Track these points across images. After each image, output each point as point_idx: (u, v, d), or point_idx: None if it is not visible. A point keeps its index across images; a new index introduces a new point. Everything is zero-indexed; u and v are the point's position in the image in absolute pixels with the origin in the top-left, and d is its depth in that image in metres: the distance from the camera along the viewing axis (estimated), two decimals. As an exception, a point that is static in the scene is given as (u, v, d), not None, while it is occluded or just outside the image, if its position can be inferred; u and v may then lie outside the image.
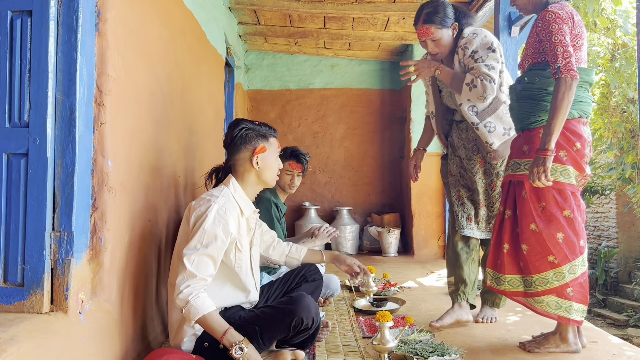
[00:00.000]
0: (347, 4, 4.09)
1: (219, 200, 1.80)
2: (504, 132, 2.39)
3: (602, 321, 7.07)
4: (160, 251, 2.24)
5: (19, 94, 1.55)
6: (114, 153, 1.76)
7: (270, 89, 5.68)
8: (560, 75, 1.93)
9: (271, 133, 1.99)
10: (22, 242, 1.52)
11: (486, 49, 2.30)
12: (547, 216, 2.04)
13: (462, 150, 2.53)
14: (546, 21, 1.99)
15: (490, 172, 2.47)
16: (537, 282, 2.04)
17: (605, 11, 5.90)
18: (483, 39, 2.32)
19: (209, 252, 1.73)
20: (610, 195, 8.58)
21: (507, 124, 2.38)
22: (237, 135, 1.92)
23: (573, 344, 2.08)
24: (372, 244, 5.27)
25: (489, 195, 2.48)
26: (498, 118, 2.38)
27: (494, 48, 2.30)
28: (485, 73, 2.25)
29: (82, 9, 1.59)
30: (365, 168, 5.65)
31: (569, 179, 2.03)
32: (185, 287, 1.66)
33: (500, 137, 2.38)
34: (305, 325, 1.78)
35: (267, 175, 1.96)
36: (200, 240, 1.73)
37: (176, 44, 2.54)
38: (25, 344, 1.30)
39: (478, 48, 2.31)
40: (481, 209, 2.49)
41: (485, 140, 2.38)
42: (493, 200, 2.47)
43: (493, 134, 2.37)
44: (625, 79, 6.14)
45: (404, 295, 3.17)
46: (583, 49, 2.07)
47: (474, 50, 2.31)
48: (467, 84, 2.28)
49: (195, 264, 1.69)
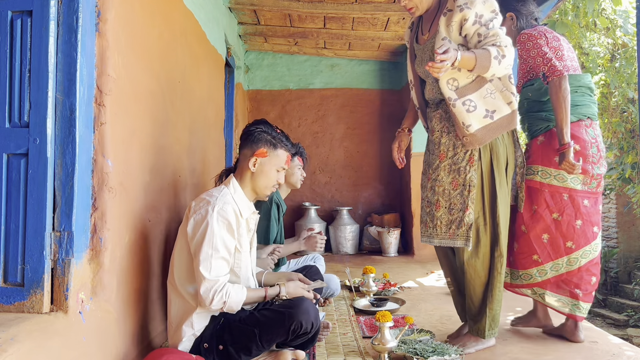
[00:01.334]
0: (347, 4, 4.09)
1: (218, 201, 1.80)
2: (486, 114, 2.02)
3: (602, 321, 7.07)
4: (160, 251, 2.24)
5: (19, 94, 1.55)
6: (114, 153, 1.76)
7: (270, 89, 5.68)
8: (548, 79, 2.16)
9: (283, 145, 1.97)
10: (22, 242, 1.52)
11: (491, 12, 1.97)
12: (536, 218, 2.23)
13: (430, 144, 2.24)
14: (522, 42, 2.25)
15: (452, 167, 2.09)
16: (523, 277, 2.29)
17: (605, 11, 5.90)
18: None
19: (222, 254, 1.76)
20: (610, 195, 8.57)
21: (491, 106, 2.02)
22: (250, 132, 1.95)
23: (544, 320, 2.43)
24: (372, 244, 5.27)
25: (449, 195, 2.09)
26: (481, 97, 2.01)
27: (498, 11, 2.00)
28: (507, 40, 1.93)
29: (82, 9, 1.59)
30: (365, 168, 5.65)
31: (563, 182, 2.18)
32: (214, 293, 1.72)
33: (481, 120, 2.01)
34: (304, 330, 1.78)
35: (260, 182, 1.94)
36: (210, 245, 1.74)
37: (176, 44, 2.54)
38: (25, 344, 1.30)
39: (483, 11, 1.96)
40: (438, 211, 2.12)
41: (462, 120, 2.00)
42: (453, 202, 2.08)
43: (472, 114, 2.00)
44: (625, 79, 6.14)
45: (404, 295, 3.17)
46: (566, 59, 2.23)
47: (480, 14, 1.95)
48: (495, 58, 1.89)
49: (213, 270, 1.74)
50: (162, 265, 2.24)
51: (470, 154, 2.05)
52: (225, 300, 1.74)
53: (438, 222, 2.11)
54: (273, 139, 1.94)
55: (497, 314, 2.12)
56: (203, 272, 1.72)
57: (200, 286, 1.73)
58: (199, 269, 1.73)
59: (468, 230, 2.04)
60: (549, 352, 2.12)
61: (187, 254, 1.82)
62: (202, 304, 1.76)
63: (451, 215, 2.08)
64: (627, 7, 5.87)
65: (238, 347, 1.77)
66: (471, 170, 2.04)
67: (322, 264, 3.14)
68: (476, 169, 2.04)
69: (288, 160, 2.00)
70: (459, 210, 2.06)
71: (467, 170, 2.05)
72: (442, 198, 2.10)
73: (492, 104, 2.03)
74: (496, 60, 1.89)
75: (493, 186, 2.07)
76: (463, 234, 2.05)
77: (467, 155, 2.06)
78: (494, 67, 1.90)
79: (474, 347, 2.11)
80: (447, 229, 2.09)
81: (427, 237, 2.18)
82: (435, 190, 2.12)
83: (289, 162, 2.02)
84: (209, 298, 1.72)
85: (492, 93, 2.03)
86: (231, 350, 1.77)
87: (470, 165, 2.05)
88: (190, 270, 1.81)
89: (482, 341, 2.13)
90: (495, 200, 2.06)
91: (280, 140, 1.96)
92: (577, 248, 2.18)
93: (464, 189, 2.05)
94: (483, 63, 1.89)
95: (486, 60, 1.89)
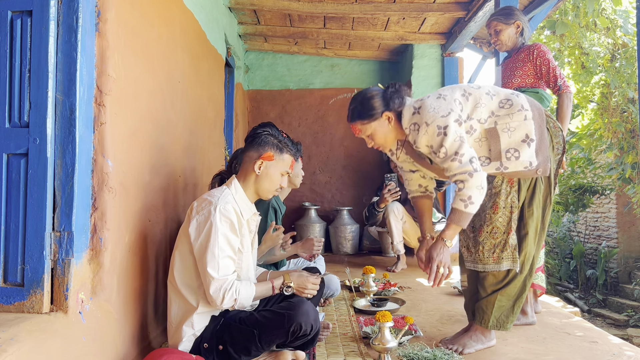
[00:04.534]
0: (347, 4, 4.09)
1: (220, 201, 1.80)
2: (523, 138, 1.97)
3: (602, 321, 7.07)
4: (160, 251, 2.24)
5: (19, 94, 1.55)
6: (114, 153, 1.76)
7: (270, 89, 5.68)
8: (562, 92, 2.61)
9: (289, 150, 1.97)
10: (22, 242, 1.52)
11: (436, 136, 1.90)
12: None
13: None
14: (542, 52, 2.66)
15: (492, 192, 2.06)
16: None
17: (605, 11, 5.90)
18: (427, 127, 1.92)
19: (227, 253, 1.77)
20: (610, 195, 8.58)
21: (519, 137, 1.98)
22: (257, 134, 1.94)
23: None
24: (372, 244, 5.26)
25: (491, 219, 2.06)
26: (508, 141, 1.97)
27: (443, 125, 1.89)
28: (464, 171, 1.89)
29: (82, 9, 1.59)
30: (365, 168, 5.65)
31: None
32: (224, 292, 1.73)
33: (529, 152, 1.98)
34: (304, 332, 1.78)
35: (264, 185, 1.93)
36: (216, 245, 1.74)
37: (176, 44, 2.54)
38: (25, 344, 1.30)
39: (430, 141, 1.93)
40: (480, 236, 2.08)
41: (523, 166, 1.98)
42: (495, 225, 2.06)
43: (519, 160, 1.97)
44: (625, 79, 6.14)
45: (404, 295, 3.17)
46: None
47: (429, 145, 1.95)
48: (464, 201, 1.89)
49: (221, 270, 1.74)
50: (162, 265, 2.24)
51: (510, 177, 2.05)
52: (236, 297, 1.74)
53: (480, 248, 2.09)
54: (280, 143, 1.94)
55: (508, 307, 2.07)
56: (211, 273, 1.72)
57: (210, 287, 1.72)
58: (207, 269, 1.72)
59: (514, 251, 2.04)
60: (549, 352, 2.12)
61: (188, 254, 1.81)
62: (213, 304, 1.76)
63: (494, 240, 2.06)
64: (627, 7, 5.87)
65: (238, 347, 1.77)
66: (512, 192, 2.04)
67: (322, 264, 3.15)
68: (516, 190, 2.04)
69: (292, 165, 2.00)
70: (503, 232, 2.05)
71: (509, 192, 2.04)
72: (485, 223, 2.08)
73: (515, 140, 1.98)
74: (465, 202, 1.89)
75: (531, 208, 2.05)
76: (509, 256, 2.04)
77: (506, 178, 2.04)
78: (475, 200, 1.89)
79: (474, 347, 2.11)
80: (489, 254, 2.07)
81: (471, 263, 2.14)
82: (479, 215, 2.07)
83: (293, 167, 2.02)
84: (219, 297, 1.72)
85: (512, 156, 1.98)
86: (231, 351, 1.77)
87: (511, 186, 2.04)
88: (190, 271, 1.81)
89: (482, 341, 2.12)
90: (532, 221, 2.05)
91: (286, 144, 1.96)
92: None
93: (505, 211, 2.04)
94: (461, 217, 1.91)
95: (463, 216, 1.90)
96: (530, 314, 2.50)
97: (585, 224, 9.45)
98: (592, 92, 7.22)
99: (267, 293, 1.89)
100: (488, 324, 2.08)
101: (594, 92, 7.21)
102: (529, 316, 2.49)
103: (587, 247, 9.09)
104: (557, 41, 6.38)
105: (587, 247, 9.09)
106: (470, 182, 1.88)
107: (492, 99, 2.02)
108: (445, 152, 1.91)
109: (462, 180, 1.90)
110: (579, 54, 6.31)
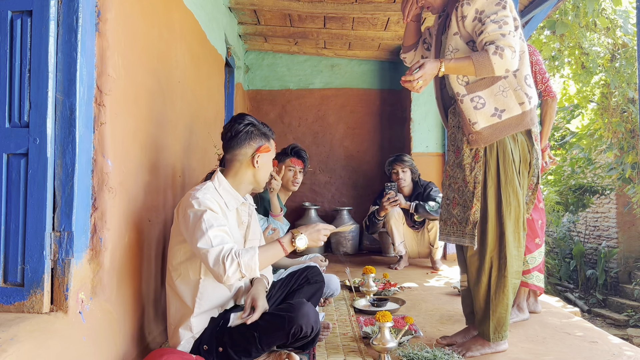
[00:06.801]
0: (347, 4, 4.09)
1: (199, 193, 1.76)
2: (494, 113, 1.94)
3: (602, 321, 7.07)
4: (160, 251, 2.24)
5: (19, 94, 1.55)
6: (114, 153, 1.76)
7: (270, 89, 5.68)
8: (544, 97, 2.63)
9: (271, 135, 1.98)
10: (22, 242, 1.52)
11: (494, 5, 1.85)
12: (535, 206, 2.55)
13: (448, 141, 2.21)
14: (531, 52, 2.54)
15: (462, 165, 2.03)
16: (529, 262, 2.57)
17: (605, 11, 5.90)
18: None
19: (216, 227, 1.68)
20: (610, 195, 8.59)
21: (501, 104, 1.94)
22: (242, 131, 1.88)
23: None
24: (372, 244, 5.26)
25: (463, 192, 2.03)
26: (491, 94, 1.94)
27: (504, 3, 1.86)
28: (506, 43, 1.81)
29: (82, 9, 1.59)
30: (365, 168, 5.65)
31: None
32: (222, 259, 1.61)
33: (488, 118, 1.94)
34: (304, 334, 1.77)
35: (262, 176, 1.93)
36: (202, 222, 1.67)
37: (176, 44, 2.54)
38: (25, 344, 1.30)
39: (484, 6, 1.87)
40: (454, 209, 2.08)
41: (469, 117, 1.95)
42: (466, 199, 2.01)
43: (479, 111, 1.94)
44: (625, 79, 6.15)
45: (404, 295, 3.17)
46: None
47: (480, 10, 1.87)
48: (494, 53, 1.80)
49: (214, 240, 1.65)
50: (162, 265, 2.24)
51: (476, 151, 1.99)
52: (239, 260, 1.61)
53: (454, 220, 2.06)
54: (263, 131, 1.93)
55: (503, 317, 1.99)
56: (204, 247, 1.63)
57: (208, 261, 1.62)
58: (199, 246, 1.64)
59: (473, 228, 1.98)
60: (549, 352, 2.12)
61: (182, 253, 1.81)
62: (220, 279, 1.63)
63: (464, 214, 2.02)
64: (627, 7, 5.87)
65: (237, 349, 1.77)
66: (476, 167, 1.98)
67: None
68: (481, 165, 1.98)
69: (275, 146, 2.01)
70: (467, 207, 2.01)
71: (473, 167, 1.99)
72: (458, 195, 2.05)
73: (502, 102, 1.94)
74: (496, 55, 1.80)
75: (499, 186, 1.97)
76: (470, 231, 1.99)
77: (473, 151, 2.00)
78: (498, 64, 1.81)
79: (479, 351, 2.02)
80: (459, 226, 2.04)
81: (445, 235, 2.13)
82: (452, 187, 2.08)
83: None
84: (221, 267, 1.60)
85: (505, 91, 1.94)
86: (231, 352, 1.77)
87: (476, 161, 1.98)
88: (185, 270, 1.81)
89: (489, 345, 2.03)
90: (500, 200, 1.96)
91: (267, 129, 1.95)
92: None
93: (469, 186, 1.99)
94: (483, 64, 1.82)
95: (485, 60, 1.81)
96: (525, 310, 2.59)
97: (585, 224, 9.45)
98: (592, 92, 7.22)
99: (278, 253, 1.74)
100: (490, 337, 2.02)
101: (594, 92, 7.21)
102: (525, 312, 2.58)
103: (587, 247, 9.09)
104: (557, 41, 6.38)
105: (587, 247, 9.09)
106: (502, 40, 1.81)
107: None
108: (495, 17, 1.84)
109: (494, 39, 1.82)
110: (579, 54, 6.32)
